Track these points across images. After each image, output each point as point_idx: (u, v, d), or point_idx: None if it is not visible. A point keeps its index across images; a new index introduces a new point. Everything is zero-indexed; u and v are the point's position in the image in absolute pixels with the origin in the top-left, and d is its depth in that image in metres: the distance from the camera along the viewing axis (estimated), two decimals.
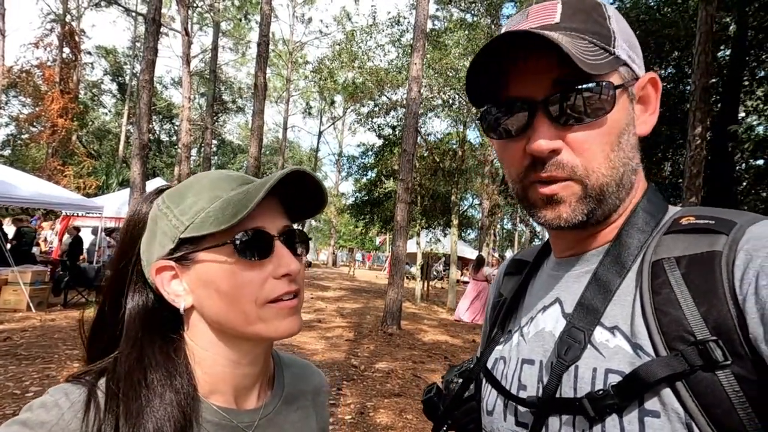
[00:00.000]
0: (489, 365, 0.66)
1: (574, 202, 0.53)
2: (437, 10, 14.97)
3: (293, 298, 0.60)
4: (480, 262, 11.86)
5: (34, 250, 10.58)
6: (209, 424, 0.58)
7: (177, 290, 0.59)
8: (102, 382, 0.56)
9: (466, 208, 20.42)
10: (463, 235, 22.06)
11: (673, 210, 0.58)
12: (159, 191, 0.65)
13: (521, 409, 0.57)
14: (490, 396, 0.63)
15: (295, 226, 0.65)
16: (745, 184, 9.13)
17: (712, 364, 0.42)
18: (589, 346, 0.51)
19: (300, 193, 0.63)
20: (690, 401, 0.43)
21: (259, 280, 0.57)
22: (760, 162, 8.97)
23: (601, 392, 0.47)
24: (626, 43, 0.53)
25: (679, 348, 0.44)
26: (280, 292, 0.58)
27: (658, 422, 0.44)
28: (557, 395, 0.51)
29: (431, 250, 16.51)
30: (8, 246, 8.00)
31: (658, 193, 0.59)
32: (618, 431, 0.46)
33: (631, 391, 0.46)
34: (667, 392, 0.44)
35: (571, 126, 0.51)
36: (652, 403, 0.45)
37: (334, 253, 35.26)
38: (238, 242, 0.56)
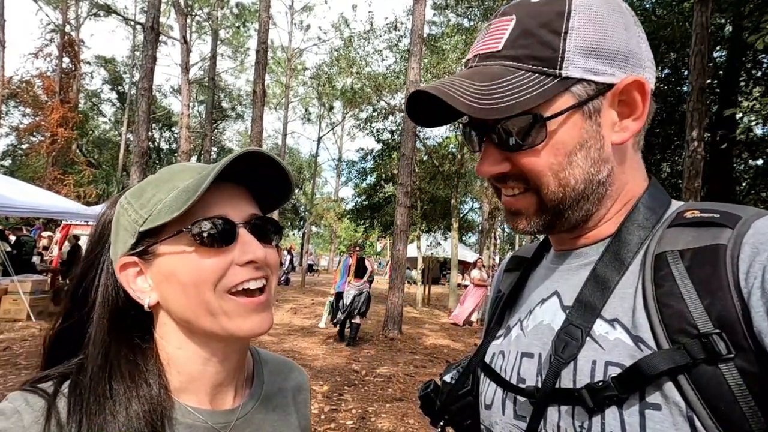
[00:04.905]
0: (487, 359, 0.66)
1: (531, 214, 0.56)
2: (434, 15, 15.08)
3: (260, 294, 0.58)
4: (475, 265, 12.00)
5: (34, 259, 10.57)
6: (182, 426, 0.56)
7: (142, 287, 0.58)
8: (64, 388, 0.54)
9: (466, 211, 20.43)
10: (463, 238, 22.07)
11: (676, 204, 0.57)
12: (124, 192, 0.64)
13: (520, 401, 0.57)
14: (488, 390, 0.63)
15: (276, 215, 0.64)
16: (744, 184, 9.14)
17: (715, 357, 0.42)
18: (588, 339, 0.51)
19: (269, 182, 0.62)
20: (692, 394, 0.43)
21: (221, 266, 0.55)
22: (759, 162, 8.99)
23: (600, 384, 0.47)
24: (588, 56, 0.51)
25: (682, 341, 0.44)
26: (243, 278, 0.56)
27: (659, 415, 0.44)
28: (556, 386, 0.51)
29: (431, 254, 16.50)
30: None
31: (660, 188, 0.59)
32: (618, 423, 0.46)
33: (632, 383, 0.45)
34: (668, 385, 0.44)
35: (515, 150, 0.54)
36: (653, 396, 0.45)
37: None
38: (194, 229, 0.54)
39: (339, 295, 8.04)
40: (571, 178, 0.53)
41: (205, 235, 0.55)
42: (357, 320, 7.69)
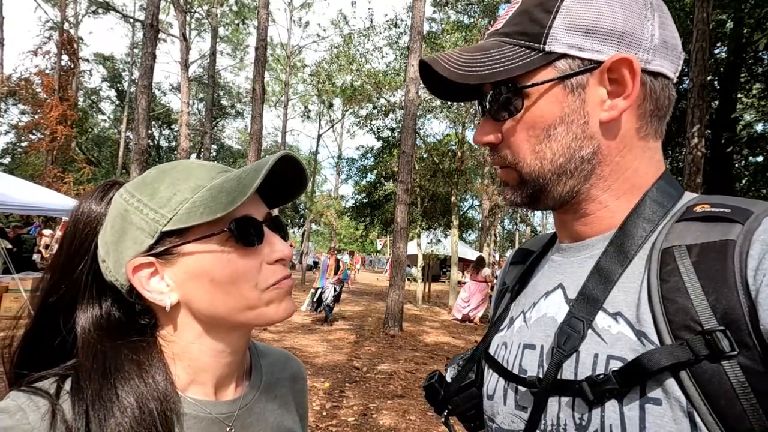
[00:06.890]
0: (491, 351, 0.66)
1: (515, 186, 0.60)
2: (434, 12, 15.01)
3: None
4: (479, 263, 11.95)
5: (35, 257, 10.57)
6: (187, 418, 0.57)
7: (159, 288, 0.56)
8: (66, 389, 0.53)
9: (466, 209, 20.44)
10: (463, 236, 22.07)
11: (688, 197, 0.57)
12: (107, 187, 0.61)
13: (521, 391, 0.57)
14: (491, 380, 0.64)
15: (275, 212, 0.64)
16: (744, 181, 9.14)
17: (718, 354, 0.42)
18: (590, 332, 0.51)
19: (276, 180, 0.62)
20: (693, 390, 0.43)
21: (254, 265, 0.57)
22: (759, 159, 8.99)
23: (601, 376, 0.47)
24: (576, 33, 0.51)
25: (685, 337, 0.44)
26: (278, 277, 0.59)
27: (659, 410, 0.44)
28: (557, 377, 0.52)
29: (432, 251, 16.51)
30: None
31: (671, 179, 0.58)
32: (618, 416, 0.46)
33: (633, 377, 0.45)
34: (670, 381, 0.44)
35: (502, 121, 0.57)
36: (654, 391, 0.45)
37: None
38: (234, 229, 0.55)
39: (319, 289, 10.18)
40: (548, 150, 0.54)
41: (243, 235, 0.56)
42: (332, 305, 9.85)
